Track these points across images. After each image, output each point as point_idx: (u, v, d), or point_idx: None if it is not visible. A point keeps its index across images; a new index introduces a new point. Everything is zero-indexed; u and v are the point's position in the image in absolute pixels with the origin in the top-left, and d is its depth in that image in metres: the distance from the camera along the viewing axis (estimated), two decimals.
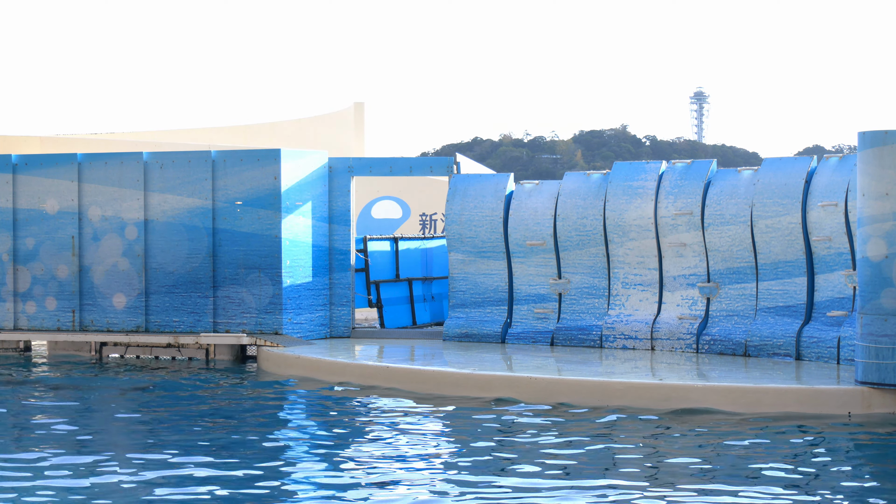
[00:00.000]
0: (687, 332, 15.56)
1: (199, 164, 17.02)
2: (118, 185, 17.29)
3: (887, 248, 11.97)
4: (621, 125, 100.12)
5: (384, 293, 18.37)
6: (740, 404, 12.33)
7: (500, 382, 13.47)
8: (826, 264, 14.69)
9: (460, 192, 16.99)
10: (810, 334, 14.66)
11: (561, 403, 12.84)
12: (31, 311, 17.72)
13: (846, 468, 10.06)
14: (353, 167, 17.51)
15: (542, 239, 16.56)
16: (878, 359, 11.99)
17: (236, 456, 10.43)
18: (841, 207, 14.37)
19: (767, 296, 15.13)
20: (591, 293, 16.33)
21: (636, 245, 16.00)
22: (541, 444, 10.95)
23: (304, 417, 12.81)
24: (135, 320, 17.23)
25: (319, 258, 17.21)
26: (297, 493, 9.20)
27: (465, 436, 11.48)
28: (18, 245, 17.77)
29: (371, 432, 11.68)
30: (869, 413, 12.07)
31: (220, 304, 16.92)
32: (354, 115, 27.64)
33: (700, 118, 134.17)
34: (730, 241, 15.40)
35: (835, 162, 14.81)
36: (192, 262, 17.02)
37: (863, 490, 9.30)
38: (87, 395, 14.16)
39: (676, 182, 15.83)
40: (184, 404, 13.37)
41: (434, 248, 19.39)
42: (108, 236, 17.36)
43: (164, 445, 10.86)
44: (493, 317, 16.80)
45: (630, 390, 12.82)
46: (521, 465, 10.04)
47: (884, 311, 11.95)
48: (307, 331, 16.98)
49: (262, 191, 16.75)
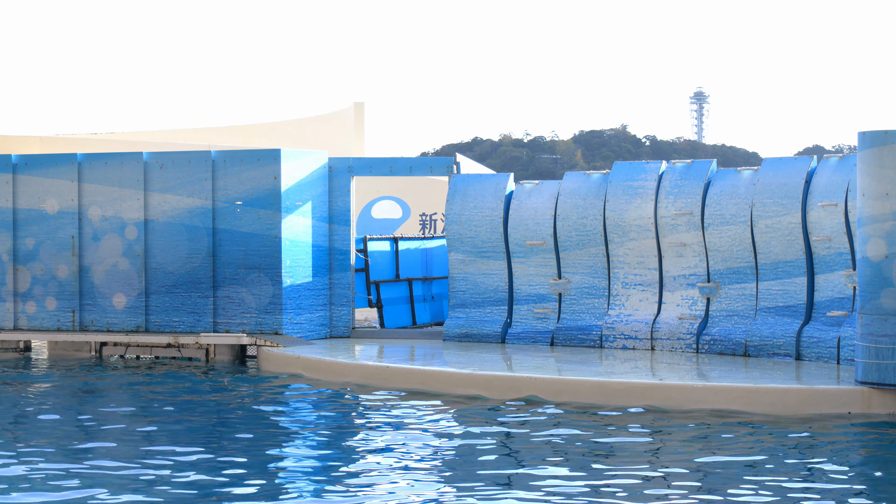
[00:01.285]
0: (687, 332, 15.56)
1: (199, 164, 17.02)
2: (118, 185, 17.29)
3: (887, 248, 11.97)
4: (621, 125, 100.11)
5: (384, 293, 18.37)
6: (740, 404, 12.33)
7: (500, 382, 13.47)
8: (826, 264, 14.69)
9: (460, 192, 16.99)
10: (810, 334, 14.66)
11: (561, 403, 12.83)
12: (31, 311, 17.72)
13: (846, 468, 10.05)
14: (353, 167, 17.51)
15: (542, 239, 16.56)
16: (878, 359, 11.99)
17: (235, 456, 10.43)
18: (841, 207, 14.37)
19: (767, 296, 15.13)
20: (591, 293, 16.33)
21: (636, 245, 16.00)
22: (539, 443, 10.95)
23: (304, 417, 12.81)
24: (135, 320, 17.23)
25: (319, 258, 17.21)
26: (296, 493, 9.20)
27: (465, 436, 11.48)
28: (18, 245, 17.77)
29: (371, 432, 11.68)
30: (869, 413, 12.07)
31: (220, 304, 16.92)
32: (354, 115, 27.63)
33: (700, 118, 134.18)
34: (730, 241, 15.40)
35: (835, 162, 14.81)
36: (192, 262, 17.02)
37: (862, 490, 9.30)
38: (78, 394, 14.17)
39: (676, 182, 15.83)
40: (183, 404, 13.37)
41: (434, 248, 19.39)
42: (108, 236, 17.37)
43: (164, 445, 10.85)
44: (493, 317, 16.80)
45: (630, 390, 12.82)
46: (521, 465, 10.04)
47: (884, 311, 11.95)
48: (307, 331, 16.98)
49: (262, 191, 16.75)
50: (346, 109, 27.90)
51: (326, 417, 12.69)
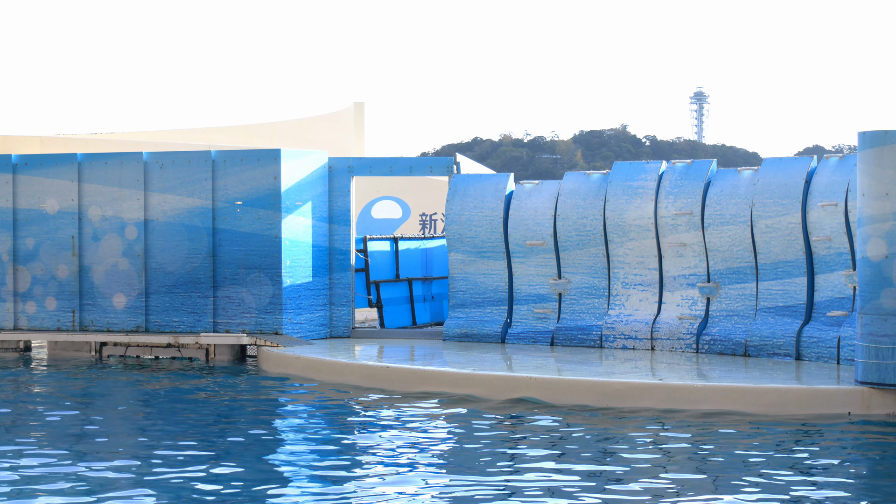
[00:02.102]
0: (687, 332, 15.56)
1: (199, 164, 17.02)
2: (118, 185, 17.30)
3: (887, 248, 11.97)
4: (621, 125, 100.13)
5: (384, 293, 18.37)
6: (740, 404, 12.33)
7: (500, 382, 13.46)
8: (826, 264, 14.69)
9: (460, 192, 17.00)
10: (810, 334, 14.67)
11: (561, 403, 12.83)
12: (31, 311, 17.72)
13: (846, 468, 10.05)
14: (353, 167, 17.51)
15: (542, 239, 16.56)
16: (878, 359, 11.99)
17: (234, 456, 10.43)
18: (841, 207, 14.37)
19: (767, 296, 15.13)
20: (591, 293, 16.33)
21: (636, 245, 16.00)
22: (539, 443, 10.95)
23: (304, 417, 12.81)
24: (135, 320, 17.23)
25: (319, 258, 17.21)
26: (296, 493, 9.20)
27: (464, 436, 11.48)
28: (18, 245, 17.77)
29: (370, 432, 11.68)
30: (869, 413, 12.07)
31: (220, 304, 16.93)
32: (354, 115, 27.64)
33: (700, 118, 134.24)
34: (730, 241, 15.40)
35: (835, 162, 14.81)
36: (192, 262, 17.02)
37: (863, 490, 9.30)
38: (83, 395, 14.17)
39: (676, 182, 15.83)
40: (182, 404, 13.36)
41: (434, 248, 19.39)
42: (108, 236, 17.37)
43: (163, 445, 10.85)
44: (493, 317, 16.80)
45: (630, 390, 12.82)
46: (522, 465, 10.05)
47: (884, 311, 11.95)
48: (307, 331, 16.98)
49: (262, 191, 16.76)
50: (346, 109, 27.91)
51: (326, 417, 12.69)
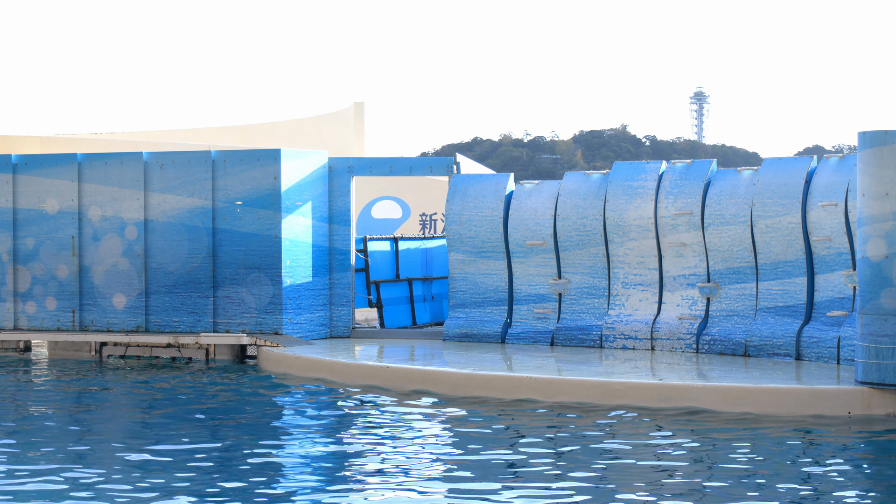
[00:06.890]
0: (687, 332, 15.57)
1: (199, 164, 17.02)
2: (118, 185, 17.30)
3: (887, 248, 11.97)
4: (621, 125, 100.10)
5: (384, 293, 18.37)
6: (740, 404, 12.33)
7: (500, 382, 13.47)
8: (826, 264, 14.69)
9: (460, 192, 17.00)
10: (810, 334, 14.67)
11: (561, 403, 12.84)
12: (31, 311, 17.72)
13: (846, 468, 10.05)
14: (353, 167, 17.51)
15: (542, 239, 16.56)
16: (878, 359, 11.99)
17: (234, 456, 10.43)
18: (841, 207, 14.38)
19: (767, 296, 15.14)
20: (591, 293, 16.34)
21: (636, 245, 16.01)
22: (539, 443, 10.95)
23: (304, 417, 12.81)
24: (135, 320, 17.23)
25: (319, 258, 17.21)
26: (295, 493, 9.20)
27: (464, 435, 11.48)
28: (18, 245, 17.77)
29: (370, 432, 11.68)
30: (869, 413, 12.08)
31: (220, 304, 16.93)
32: (354, 115, 27.66)
33: (700, 118, 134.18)
34: (730, 241, 15.41)
35: (835, 162, 14.82)
36: (192, 262, 17.02)
37: (863, 490, 9.30)
38: (86, 394, 14.17)
39: (676, 182, 15.83)
40: (182, 404, 13.37)
41: (434, 248, 19.39)
42: (108, 236, 17.37)
43: (163, 445, 10.86)
44: (493, 317, 16.80)
45: (630, 390, 12.82)
46: (522, 465, 10.05)
47: (884, 311, 11.95)
48: (307, 331, 16.99)
49: (262, 191, 16.76)
50: (346, 109, 27.92)
51: (326, 417, 12.70)
